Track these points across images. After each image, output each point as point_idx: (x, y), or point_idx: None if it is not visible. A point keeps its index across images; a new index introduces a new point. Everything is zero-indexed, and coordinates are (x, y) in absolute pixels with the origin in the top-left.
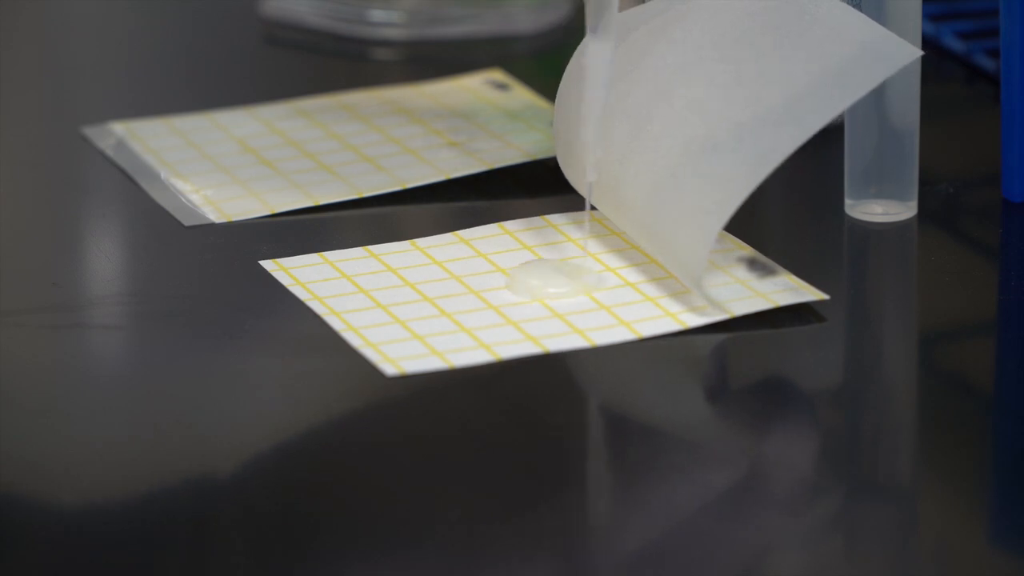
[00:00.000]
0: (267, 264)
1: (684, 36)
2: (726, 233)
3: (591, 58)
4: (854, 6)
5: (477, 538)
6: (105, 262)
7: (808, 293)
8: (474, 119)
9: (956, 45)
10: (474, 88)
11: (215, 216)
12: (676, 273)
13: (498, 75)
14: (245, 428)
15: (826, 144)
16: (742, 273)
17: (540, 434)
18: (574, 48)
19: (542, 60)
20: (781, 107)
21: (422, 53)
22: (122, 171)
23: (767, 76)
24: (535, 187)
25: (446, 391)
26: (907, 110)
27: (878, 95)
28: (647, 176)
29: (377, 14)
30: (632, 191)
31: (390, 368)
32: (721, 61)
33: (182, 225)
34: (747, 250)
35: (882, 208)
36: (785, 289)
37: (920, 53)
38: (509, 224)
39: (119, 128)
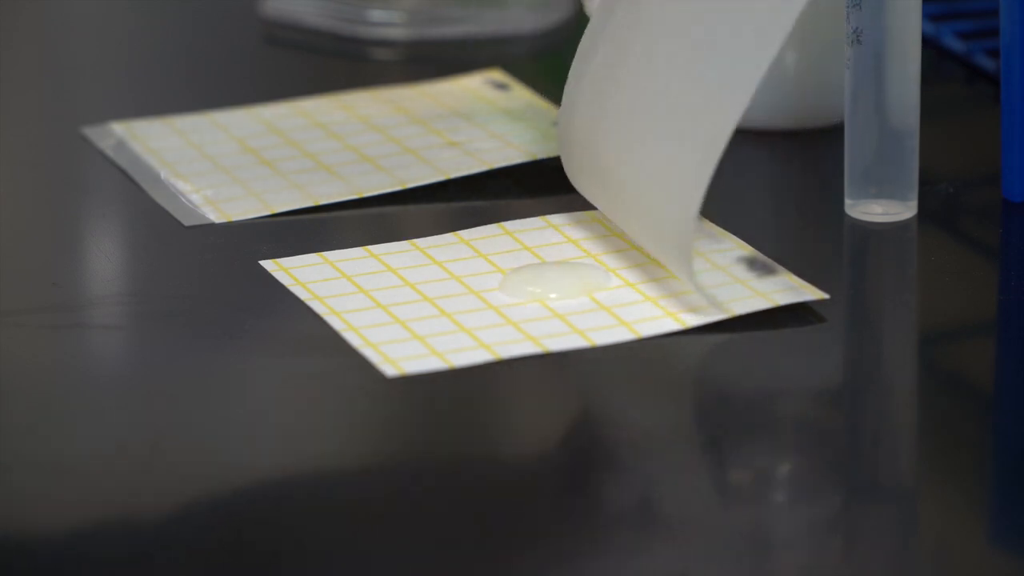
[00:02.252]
0: (267, 264)
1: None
2: (726, 232)
3: None
4: (854, 6)
5: (477, 538)
6: (105, 262)
7: (808, 293)
8: (474, 119)
9: (956, 45)
10: (474, 88)
11: (215, 216)
12: (667, 259)
13: (498, 75)
14: (245, 428)
15: (826, 144)
16: (742, 273)
17: (540, 434)
18: (574, 48)
19: (542, 60)
20: (727, 70)
21: (422, 53)
22: (122, 171)
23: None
24: (535, 187)
25: (446, 391)
26: (907, 110)
27: (878, 95)
28: (626, 149)
29: (377, 14)
30: (615, 169)
31: (390, 368)
32: (677, 35)
33: (182, 225)
34: (747, 250)
35: (882, 208)
36: (785, 289)
37: None
38: (509, 224)
39: (119, 128)
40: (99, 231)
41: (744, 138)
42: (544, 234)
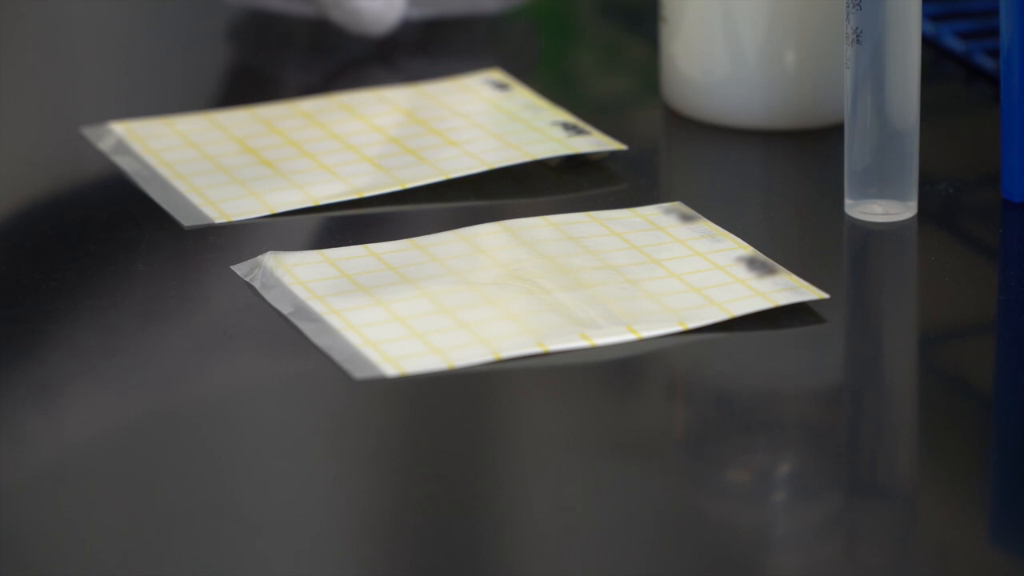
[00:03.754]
0: (268, 262)
1: None
2: (726, 232)
3: None
4: (854, 6)
5: (478, 537)
6: (105, 262)
7: (808, 292)
8: (474, 119)
9: (956, 45)
10: (474, 88)
11: (215, 216)
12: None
13: (498, 75)
14: (244, 428)
15: (826, 144)
16: (742, 273)
17: (539, 434)
18: (574, 49)
19: (542, 60)
20: None
21: (422, 53)
22: (122, 171)
23: None
24: (535, 187)
25: (446, 391)
26: (907, 110)
27: (878, 95)
28: None
29: None
30: None
31: (390, 368)
32: None
33: (182, 225)
34: (747, 249)
35: (882, 208)
36: (785, 289)
37: None
38: (509, 223)
39: (119, 128)
40: (99, 231)
41: (744, 138)
42: (544, 233)
